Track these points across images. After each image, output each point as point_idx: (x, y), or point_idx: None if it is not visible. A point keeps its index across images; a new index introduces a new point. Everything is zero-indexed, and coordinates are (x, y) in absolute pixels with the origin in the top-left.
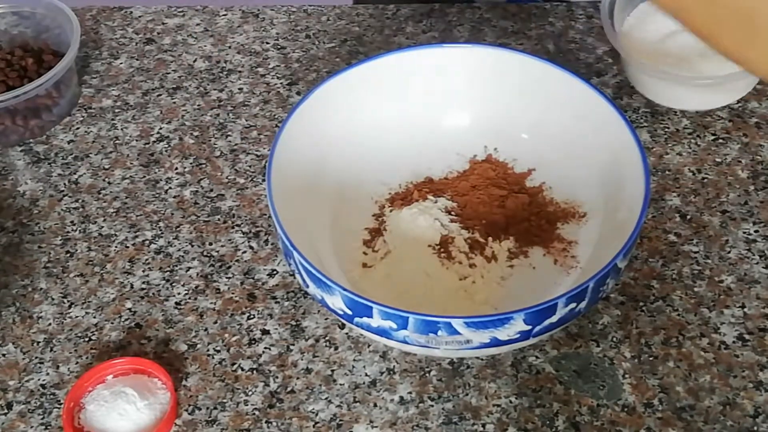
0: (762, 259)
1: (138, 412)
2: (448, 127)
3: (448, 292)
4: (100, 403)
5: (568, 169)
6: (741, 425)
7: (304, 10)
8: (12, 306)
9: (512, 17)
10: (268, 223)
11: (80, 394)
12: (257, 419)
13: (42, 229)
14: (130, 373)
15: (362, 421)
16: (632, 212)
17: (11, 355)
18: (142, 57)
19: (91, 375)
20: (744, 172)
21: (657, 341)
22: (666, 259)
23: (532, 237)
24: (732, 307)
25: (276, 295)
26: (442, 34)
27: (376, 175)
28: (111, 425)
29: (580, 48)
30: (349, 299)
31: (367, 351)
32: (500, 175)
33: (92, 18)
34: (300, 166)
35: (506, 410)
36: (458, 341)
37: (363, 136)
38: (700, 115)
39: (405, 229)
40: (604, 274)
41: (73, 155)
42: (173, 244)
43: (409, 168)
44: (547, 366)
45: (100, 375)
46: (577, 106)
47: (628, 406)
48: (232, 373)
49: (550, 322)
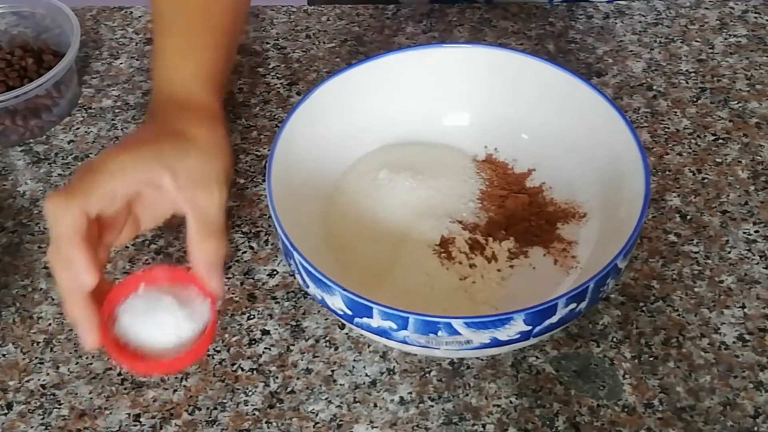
0: (762, 259)
1: (178, 323)
2: (448, 127)
3: (448, 292)
4: (135, 314)
5: (568, 169)
6: (741, 425)
7: (304, 10)
8: (12, 306)
9: (512, 17)
10: (268, 223)
11: (114, 305)
12: (257, 419)
13: (42, 229)
14: (164, 283)
15: (362, 421)
16: (632, 212)
17: (11, 355)
18: (142, 57)
19: (123, 286)
20: (744, 172)
21: (657, 341)
22: (666, 260)
23: (532, 237)
24: (732, 307)
25: (276, 295)
26: (442, 34)
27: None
28: (149, 337)
29: (580, 48)
30: (349, 299)
31: (367, 351)
32: (500, 175)
33: (92, 18)
34: (300, 166)
35: (506, 410)
36: (458, 341)
37: (363, 136)
38: (700, 115)
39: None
40: (604, 275)
41: (73, 155)
42: (173, 244)
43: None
44: (548, 366)
45: (134, 284)
46: (577, 106)
47: (628, 407)
48: (232, 374)
49: (550, 322)
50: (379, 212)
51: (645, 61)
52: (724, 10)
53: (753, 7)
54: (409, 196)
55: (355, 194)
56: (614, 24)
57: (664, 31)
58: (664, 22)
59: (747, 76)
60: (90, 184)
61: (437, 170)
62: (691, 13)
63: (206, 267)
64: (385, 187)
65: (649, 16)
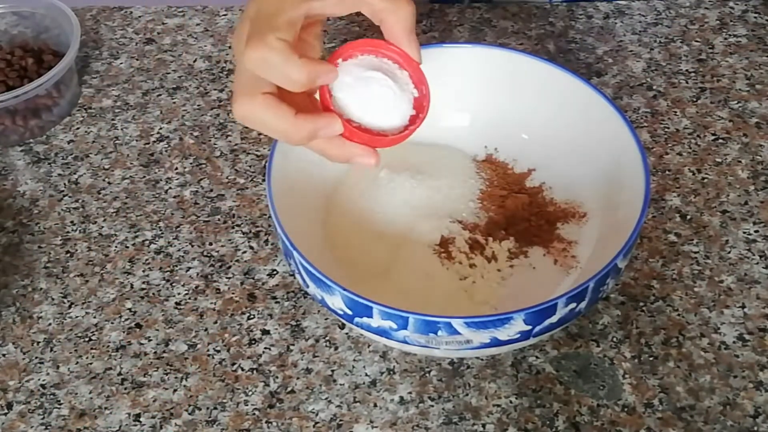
0: (762, 259)
1: (395, 94)
2: (448, 127)
3: (448, 292)
4: (350, 92)
5: (568, 169)
6: (741, 425)
7: None
8: (12, 306)
9: (512, 17)
10: (268, 223)
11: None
12: (257, 419)
13: (42, 229)
14: (358, 55)
15: (362, 421)
16: (632, 212)
17: (11, 355)
18: (142, 57)
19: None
20: (744, 172)
21: (657, 341)
22: (666, 259)
23: (532, 237)
24: (732, 307)
25: (276, 295)
26: (442, 34)
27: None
28: (372, 111)
29: (580, 48)
30: (349, 299)
31: (367, 351)
32: (500, 175)
33: (92, 18)
34: (300, 166)
35: (506, 410)
36: (458, 341)
37: None
38: (700, 115)
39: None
40: (604, 274)
41: (73, 155)
42: (173, 244)
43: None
44: (547, 366)
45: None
46: (577, 106)
47: (628, 406)
48: (232, 373)
49: (550, 322)
50: (379, 212)
51: (645, 61)
52: (724, 10)
53: (753, 7)
54: (409, 196)
55: (355, 194)
56: (614, 24)
57: (664, 31)
58: (664, 22)
59: (747, 76)
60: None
61: (437, 170)
62: (691, 13)
63: (406, 33)
64: (385, 187)
65: (649, 16)
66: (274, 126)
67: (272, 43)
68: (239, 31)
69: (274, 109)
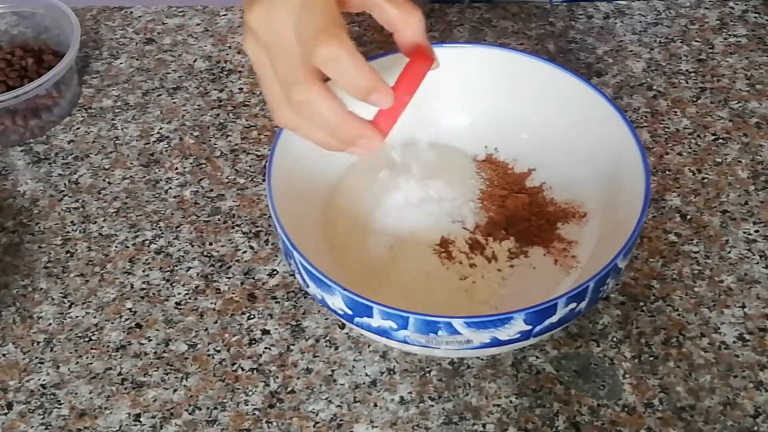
0: (762, 259)
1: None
2: (448, 127)
3: (448, 292)
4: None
5: (568, 169)
6: (741, 425)
7: None
8: (12, 306)
9: (512, 17)
10: (268, 223)
11: None
12: (257, 419)
13: (42, 229)
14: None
15: (362, 421)
16: (632, 212)
17: (11, 355)
18: (142, 57)
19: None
20: (744, 172)
21: (657, 341)
22: (666, 259)
23: (532, 237)
24: (732, 307)
25: (276, 295)
26: (442, 34)
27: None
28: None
29: (580, 48)
30: (349, 299)
31: (367, 351)
32: (500, 175)
33: (92, 18)
34: (300, 166)
35: (506, 410)
36: (458, 341)
37: None
38: (700, 115)
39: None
40: (604, 274)
41: (73, 155)
42: (173, 244)
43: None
44: (548, 366)
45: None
46: (577, 106)
47: (628, 406)
48: (232, 373)
49: (550, 322)
50: (379, 212)
51: (645, 61)
52: (724, 10)
53: (753, 7)
54: (409, 196)
55: (355, 194)
56: (614, 24)
57: (664, 31)
58: (664, 22)
59: (747, 76)
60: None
61: (437, 170)
62: (691, 13)
63: (422, 36)
64: (385, 187)
65: (649, 16)
66: (326, 117)
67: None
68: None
69: (331, 99)
